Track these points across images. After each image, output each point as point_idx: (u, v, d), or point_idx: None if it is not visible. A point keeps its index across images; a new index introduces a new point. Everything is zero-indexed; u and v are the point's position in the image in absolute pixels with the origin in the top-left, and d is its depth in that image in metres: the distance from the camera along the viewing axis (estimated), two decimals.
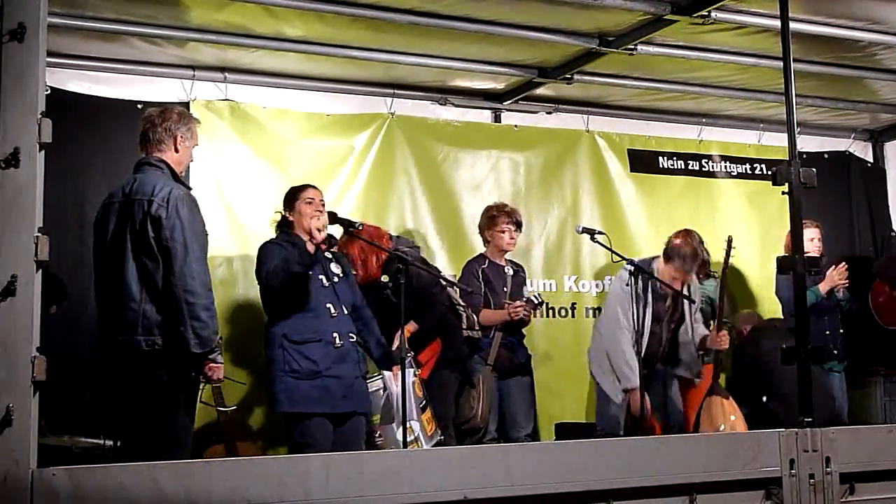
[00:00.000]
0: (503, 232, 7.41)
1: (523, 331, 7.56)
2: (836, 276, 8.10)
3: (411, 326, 6.89)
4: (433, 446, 6.38)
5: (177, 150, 5.39)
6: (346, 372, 6.14)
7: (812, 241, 8.20)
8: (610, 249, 7.11)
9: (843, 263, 8.20)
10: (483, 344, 7.23)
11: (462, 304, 7.29)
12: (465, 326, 7.29)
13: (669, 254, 7.24)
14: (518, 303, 7.27)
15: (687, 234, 7.47)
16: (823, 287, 8.07)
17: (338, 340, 6.14)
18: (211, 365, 5.24)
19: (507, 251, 7.52)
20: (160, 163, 5.32)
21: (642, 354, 6.84)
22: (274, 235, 6.45)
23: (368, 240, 6.72)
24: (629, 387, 6.92)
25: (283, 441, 6.21)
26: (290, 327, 6.11)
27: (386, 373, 6.41)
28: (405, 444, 6.05)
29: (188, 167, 5.78)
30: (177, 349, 5.07)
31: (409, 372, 6.31)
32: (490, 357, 7.19)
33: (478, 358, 7.20)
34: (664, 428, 7.18)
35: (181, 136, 5.38)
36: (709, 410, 7.15)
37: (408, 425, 6.20)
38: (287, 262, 6.01)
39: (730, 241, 7.43)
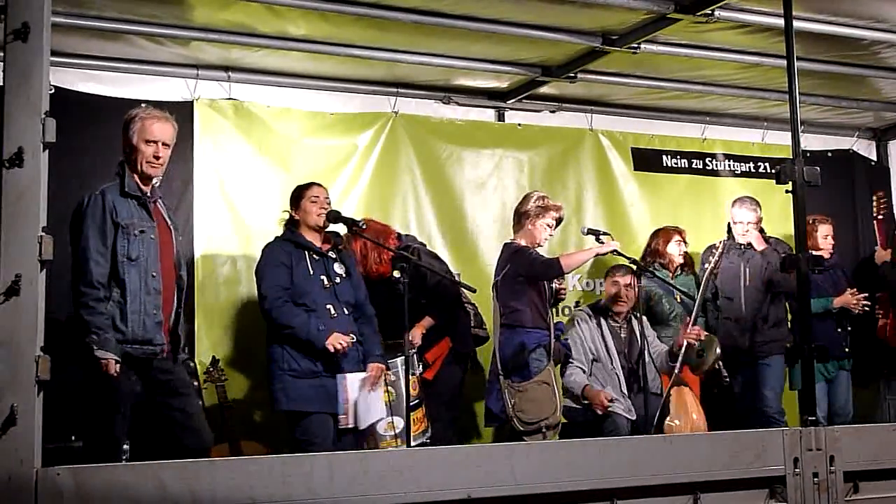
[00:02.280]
0: (548, 226, 7.18)
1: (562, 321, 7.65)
2: (852, 302, 8.05)
3: (427, 321, 6.93)
4: (419, 445, 6.38)
5: (130, 149, 5.54)
6: (349, 371, 6.17)
7: (826, 238, 8.20)
8: (616, 252, 7.12)
9: (865, 295, 8.11)
10: (544, 336, 7.00)
11: (472, 302, 7.30)
12: (472, 325, 7.30)
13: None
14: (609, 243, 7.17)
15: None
16: (838, 303, 8.05)
17: None
18: (101, 361, 5.23)
19: (540, 246, 7.27)
20: (119, 167, 5.56)
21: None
22: (281, 233, 6.53)
23: (373, 238, 6.74)
24: (582, 387, 7.13)
25: (288, 439, 6.21)
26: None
27: (351, 374, 6.27)
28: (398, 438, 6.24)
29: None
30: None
31: (403, 369, 6.40)
32: (553, 350, 7.01)
33: (542, 351, 6.95)
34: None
35: (126, 138, 5.56)
36: (677, 398, 7.35)
37: (390, 420, 6.25)
38: (289, 291, 6.17)
39: (723, 243, 7.63)
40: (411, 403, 6.38)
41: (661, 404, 7.17)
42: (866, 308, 8.12)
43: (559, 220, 7.31)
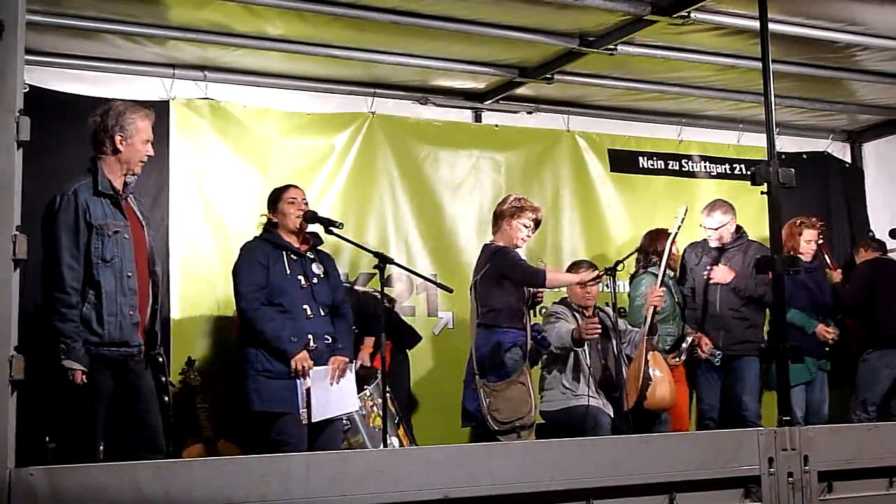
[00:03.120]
0: (525, 227, 7.17)
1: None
2: (827, 336, 8.12)
3: (369, 342, 7.11)
4: None
5: (118, 150, 5.39)
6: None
7: (809, 242, 8.22)
8: (598, 277, 7.27)
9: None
10: (520, 336, 7.00)
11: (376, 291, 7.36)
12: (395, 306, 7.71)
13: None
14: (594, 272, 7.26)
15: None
16: (819, 332, 8.08)
17: (312, 342, 6.14)
18: (68, 371, 5.12)
19: (518, 247, 7.25)
20: (92, 163, 5.40)
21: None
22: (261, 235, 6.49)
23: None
24: (570, 331, 7.09)
25: (264, 440, 6.18)
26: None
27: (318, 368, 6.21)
28: None
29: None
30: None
31: (378, 393, 6.51)
32: (529, 349, 7.01)
33: (517, 350, 6.95)
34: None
35: (121, 136, 5.38)
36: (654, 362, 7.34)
37: (390, 442, 6.29)
38: (265, 291, 6.13)
39: (685, 210, 7.55)
40: (395, 420, 6.50)
41: (642, 369, 7.21)
42: (835, 340, 8.20)
43: (537, 223, 7.28)
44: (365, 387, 6.66)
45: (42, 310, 5.17)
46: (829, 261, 8.62)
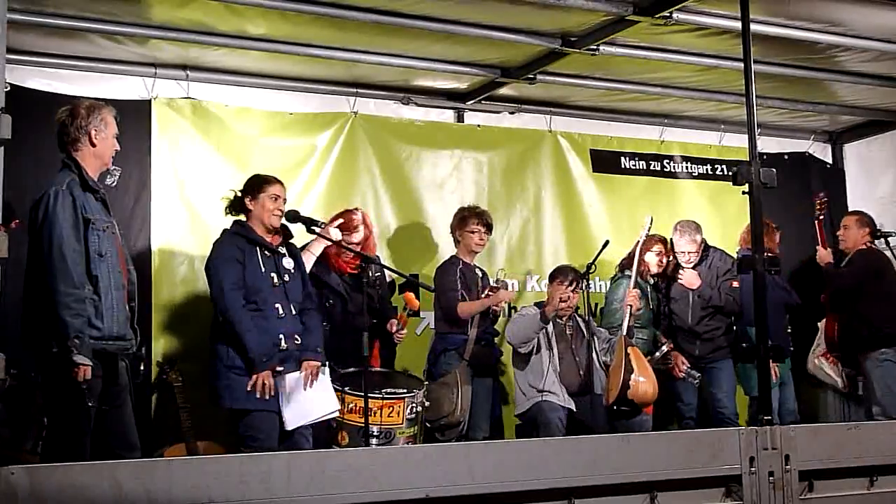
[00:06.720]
0: (473, 233, 7.44)
1: (497, 328, 7.70)
2: None
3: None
4: None
5: (94, 145, 5.38)
6: (289, 371, 6.11)
7: (778, 244, 8.26)
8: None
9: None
10: (458, 340, 7.23)
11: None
12: None
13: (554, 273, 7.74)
14: (500, 291, 7.32)
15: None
16: None
17: (283, 343, 6.08)
18: (78, 366, 5.02)
19: (476, 252, 7.53)
20: (70, 160, 5.35)
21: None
22: (224, 214, 6.42)
23: (364, 253, 6.76)
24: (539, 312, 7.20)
25: (235, 436, 6.14)
26: None
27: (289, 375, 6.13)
28: None
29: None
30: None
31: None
32: (466, 353, 7.19)
33: (454, 353, 7.19)
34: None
35: (95, 130, 5.38)
36: (636, 358, 7.36)
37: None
38: (242, 290, 6.06)
39: (651, 220, 7.73)
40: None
41: (624, 362, 7.24)
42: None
43: (487, 225, 7.55)
44: (415, 390, 6.65)
45: (40, 305, 5.08)
46: (820, 238, 8.55)
